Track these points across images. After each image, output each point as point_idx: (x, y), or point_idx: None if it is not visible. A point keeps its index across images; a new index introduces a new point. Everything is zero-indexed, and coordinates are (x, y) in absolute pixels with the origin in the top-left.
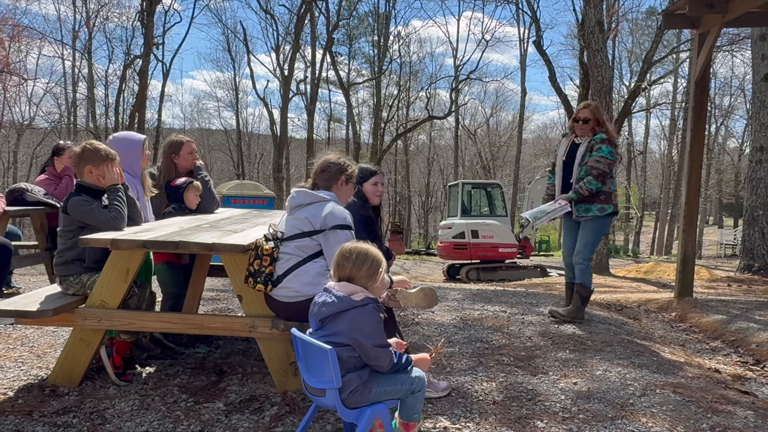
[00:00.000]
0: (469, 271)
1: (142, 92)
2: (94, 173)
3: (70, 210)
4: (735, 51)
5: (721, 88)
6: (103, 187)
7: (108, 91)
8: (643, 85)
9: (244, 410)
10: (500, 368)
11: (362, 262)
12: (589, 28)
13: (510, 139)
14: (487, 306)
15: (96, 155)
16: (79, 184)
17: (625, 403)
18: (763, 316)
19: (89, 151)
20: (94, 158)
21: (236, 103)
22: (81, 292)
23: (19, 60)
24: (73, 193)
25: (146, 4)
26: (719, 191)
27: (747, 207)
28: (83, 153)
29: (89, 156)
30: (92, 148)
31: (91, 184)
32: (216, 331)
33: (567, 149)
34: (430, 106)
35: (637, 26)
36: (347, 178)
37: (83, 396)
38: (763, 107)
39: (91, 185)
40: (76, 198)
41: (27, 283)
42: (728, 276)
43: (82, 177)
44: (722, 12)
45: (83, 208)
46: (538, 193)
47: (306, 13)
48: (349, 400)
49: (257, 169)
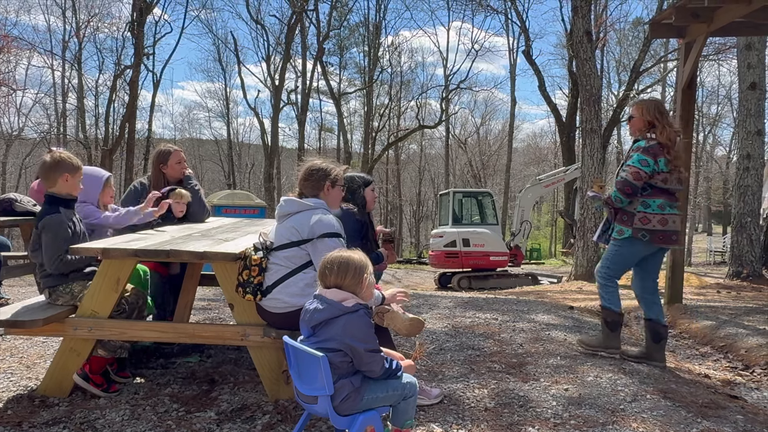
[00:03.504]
0: (460, 280)
1: (133, 102)
2: (69, 181)
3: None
4: (721, 60)
5: (708, 97)
6: (75, 197)
7: (98, 102)
8: (632, 94)
9: (235, 419)
10: (492, 375)
11: (345, 271)
12: (577, 37)
13: (500, 148)
14: (478, 314)
15: (71, 164)
16: (51, 195)
17: (616, 409)
18: (752, 322)
19: (66, 159)
20: (69, 167)
21: (227, 113)
22: (70, 302)
23: (8, 70)
24: (49, 209)
25: (136, 15)
26: (708, 199)
27: (735, 214)
28: (60, 162)
29: (65, 165)
30: (67, 157)
31: (66, 195)
32: (207, 339)
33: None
34: (421, 115)
35: (624, 36)
36: (333, 182)
37: (73, 406)
38: (749, 115)
39: (65, 195)
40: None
41: (16, 294)
42: (717, 282)
43: (55, 186)
44: (707, 21)
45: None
46: (529, 202)
47: (296, 23)
48: (342, 407)
49: (248, 179)
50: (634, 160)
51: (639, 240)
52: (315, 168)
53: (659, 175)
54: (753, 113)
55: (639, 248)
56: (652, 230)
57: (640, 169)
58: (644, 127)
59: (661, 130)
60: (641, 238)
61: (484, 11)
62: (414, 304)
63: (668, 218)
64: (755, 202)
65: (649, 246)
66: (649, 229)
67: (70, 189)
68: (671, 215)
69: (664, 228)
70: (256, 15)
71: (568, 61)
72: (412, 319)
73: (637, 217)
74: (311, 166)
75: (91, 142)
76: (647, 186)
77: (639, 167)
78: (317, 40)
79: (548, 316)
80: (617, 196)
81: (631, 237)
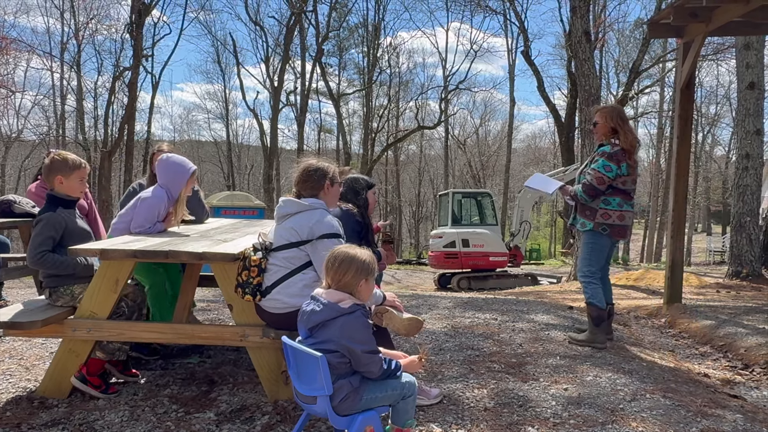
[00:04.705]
0: (460, 280)
1: (132, 104)
2: (65, 183)
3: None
4: (720, 60)
5: (707, 97)
6: (75, 198)
7: (97, 104)
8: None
9: (235, 420)
10: (491, 375)
11: (348, 266)
12: (576, 38)
13: (499, 148)
14: (477, 314)
15: (66, 165)
16: (51, 195)
17: (616, 408)
18: (751, 321)
19: (59, 162)
20: (63, 169)
21: (226, 115)
22: (70, 304)
23: (7, 72)
24: (46, 207)
25: (135, 17)
26: (707, 199)
27: (734, 214)
28: (53, 164)
29: (59, 167)
30: (62, 158)
31: (64, 195)
32: (207, 340)
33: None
34: (420, 116)
35: (623, 36)
36: (332, 180)
37: (72, 408)
38: (748, 115)
39: (63, 196)
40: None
41: (15, 296)
42: (717, 282)
43: (53, 187)
44: (706, 21)
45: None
46: (528, 202)
47: (295, 24)
48: (341, 407)
49: (248, 181)
50: (600, 165)
51: (599, 233)
52: (313, 168)
53: (620, 178)
54: (752, 113)
55: (604, 240)
56: (612, 225)
57: (604, 175)
58: (608, 133)
59: (624, 136)
60: (602, 231)
61: (483, 12)
62: (413, 304)
63: (625, 214)
64: (754, 201)
65: (608, 239)
66: (609, 223)
67: (67, 190)
68: (627, 212)
69: (622, 223)
70: (255, 16)
71: (567, 62)
72: (411, 319)
73: (599, 213)
74: (308, 166)
75: (90, 144)
76: (609, 186)
77: (603, 173)
78: (316, 41)
79: (547, 316)
80: (582, 195)
81: (592, 230)
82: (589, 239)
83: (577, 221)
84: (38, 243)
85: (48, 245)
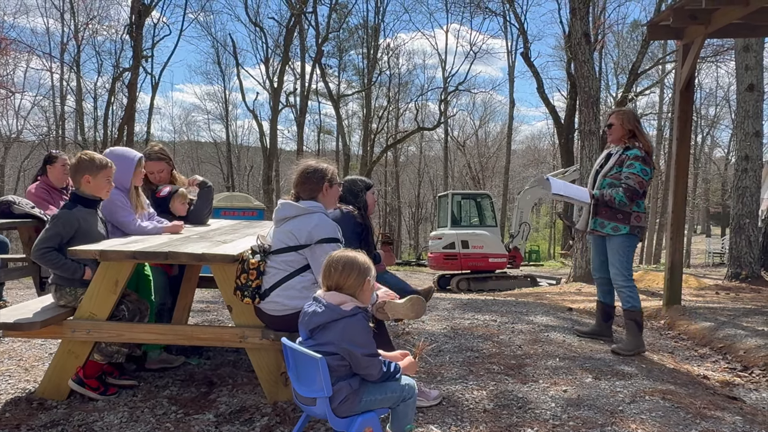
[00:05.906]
0: (459, 282)
1: (131, 105)
2: (92, 183)
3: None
4: (719, 62)
5: (707, 99)
6: (99, 198)
7: (97, 104)
8: (630, 96)
9: (234, 421)
10: (490, 376)
11: (350, 270)
12: (575, 39)
13: (499, 149)
14: (477, 315)
15: (92, 165)
16: (74, 194)
17: (615, 410)
18: (751, 323)
19: (85, 161)
20: (90, 168)
21: (226, 116)
22: (71, 304)
23: (7, 73)
24: (66, 204)
25: (135, 17)
26: (706, 200)
27: (734, 216)
28: (79, 163)
29: (86, 166)
30: (88, 158)
31: (89, 195)
32: (206, 341)
33: (603, 159)
34: (420, 117)
35: (622, 38)
36: (330, 182)
37: (71, 409)
38: (747, 117)
39: (88, 196)
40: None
41: (14, 297)
42: (716, 284)
43: (80, 186)
44: (705, 23)
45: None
46: (528, 203)
47: (295, 25)
48: (340, 409)
49: (247, 182)
50: (638, 170)
51: (635, 236)
52: (311, 169)
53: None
54: (751, 115)
55: (635, 242)
56: (642, 227)
57: (644, 180)
58: (625, 135)
59: (643, 139)
60: (636, 234)
61: (483, 13)
62: None
63: (645, 216)
64: (754, 203)
65: (638, 241)
66: (641, 225)
67: (93, 190)
68: (645, 214)
69: (646, 224)
70: (255, 17)
71: (567, 63)
72: (410, 299)
73: (633, 216)
74: (306, 168)
75: (90, 144)
76: None
77: (643, 177)
78: (316, 43)
79: (547, 318)
80: (623, 200)
81: (628, 234)
82: (623, 243)
83: (606, 226)
84: (45, 239)
85: (54, 242)
